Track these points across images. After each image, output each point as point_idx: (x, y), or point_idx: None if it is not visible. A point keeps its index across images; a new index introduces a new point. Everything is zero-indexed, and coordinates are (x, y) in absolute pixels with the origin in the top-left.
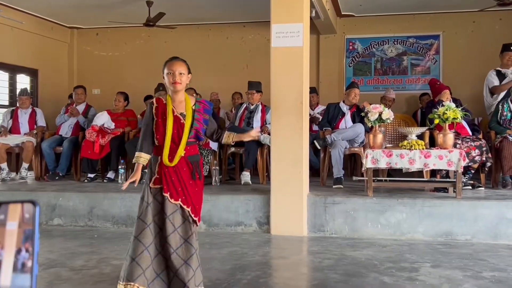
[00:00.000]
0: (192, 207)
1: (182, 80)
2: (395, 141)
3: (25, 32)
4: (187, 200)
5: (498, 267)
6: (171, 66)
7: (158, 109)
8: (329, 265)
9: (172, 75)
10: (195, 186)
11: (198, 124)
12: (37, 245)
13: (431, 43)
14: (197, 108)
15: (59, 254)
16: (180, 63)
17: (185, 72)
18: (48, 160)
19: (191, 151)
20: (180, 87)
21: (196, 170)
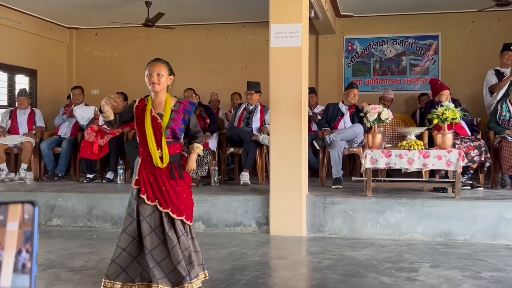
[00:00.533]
0: (174, 208)
1: (160, 81)
2: (394, 141)
3: (24, 33)
4: (167, 201)
5: (497, 267)
6: (151, 67)
7: (138, 108)
8: (328, 265)
9: (150, 76)
10: (177, 186)
11: (174, 123)
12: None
13: (430, 43)
14: (176, 108)
15: (58, 255)
16: (159, 65)
17: (164, 73)
18: (47, 161)
19: (171, 151)
20: (158, 88)
21: (176, 170)
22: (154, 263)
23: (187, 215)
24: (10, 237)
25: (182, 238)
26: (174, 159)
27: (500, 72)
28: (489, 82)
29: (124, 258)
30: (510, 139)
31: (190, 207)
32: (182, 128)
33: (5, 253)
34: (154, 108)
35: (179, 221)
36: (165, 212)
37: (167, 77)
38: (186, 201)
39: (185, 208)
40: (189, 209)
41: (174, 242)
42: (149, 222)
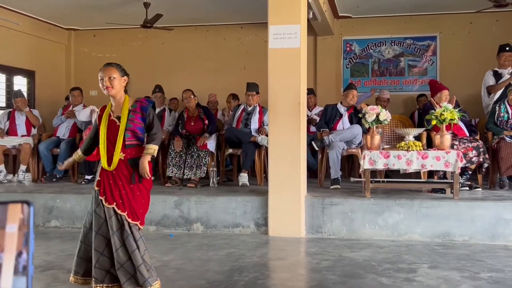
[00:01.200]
0: (130, 212)
1: (113, 84)
2: (392, 142)
3: (22, 34)
4: (124, 204)
5: (496, 268)
6: (102, 72)
7: (100, 116)
8: (327, 266)
9: (102, 81)
10: (137, 190)
11: (133, 124)
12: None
13: (428, 44)
14: (133, 108)
15: (56, 256)
16: (110, 69)
17: (116, 76)
18: (45, 162)
19: (132, 154)
20: (112, 91)
21: (136, 174)
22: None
23: (142, 221)
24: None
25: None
26: (135, 162)
27: (498, 73)
28: (486, 82)
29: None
30: (509, 140)
31: (145, 212)
32: (142, 127)
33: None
34: (113, 112)
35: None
36: (123, 215)
37: (120, 79)
38: (142, 206)
39: (143, 213)
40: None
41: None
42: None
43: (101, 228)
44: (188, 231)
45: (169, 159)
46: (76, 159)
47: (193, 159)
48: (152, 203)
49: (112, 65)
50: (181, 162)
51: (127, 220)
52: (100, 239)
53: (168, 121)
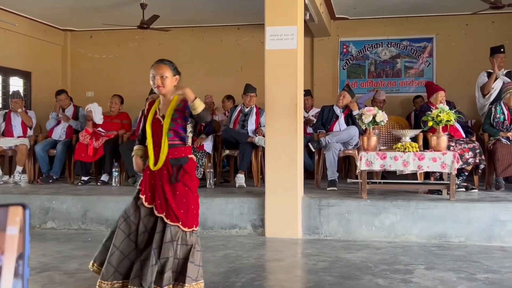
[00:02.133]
0: (168, 213)
1: (165, 84)
2: (389, 143)
3: (18, 35)
4: (162, 205)
5: (492, 269)
6: (154, 69)
7: (147, 112)
8: (324, 268)
9: (154, 79)
10: (177, 190)
11: (176, 124)
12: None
13: (425, 46)
14: (179, 107)
15: (53, 258)
16: (163, 66)
17: (168, 75)
18: (42, 163)
19: (174, 154)
20: (163, 90)
21: (176, 175)
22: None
23: (185, 222)
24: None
25: (165, 245)
26: (177, 163)
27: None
28: (480, 83)
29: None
30: (505, 141)
31: (191, 212)
32: (184, 126)
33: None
34: (160, 110)
35: (173, 227)
36: (160, 217)
37: (172, 78)
38: (185, 207)
39: (184, 214)
40: (188, 215)
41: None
42: (145, 223)
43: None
44: None
45: None
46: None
47: None
48: None
49: (165, 62)
50: None
51: (165, 221)
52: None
53: None
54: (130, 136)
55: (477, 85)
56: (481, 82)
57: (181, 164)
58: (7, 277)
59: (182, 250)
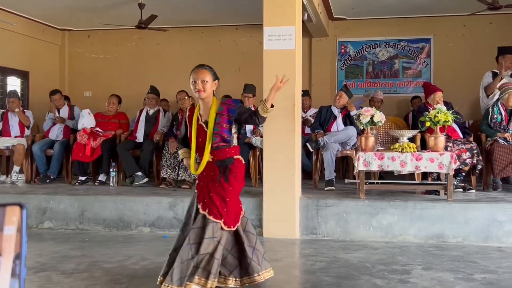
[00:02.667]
0: (210, 210)
1: (205, 88)
2: (386, 143)
3: (16, 34)
4: (206, 204)
5: (489, 269)
6: (195, 74)
7: (190, 118)
8: (322, 268)
9: (195, 84)
10: (221, 190)
11: (220, 128)
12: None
13: (422, 47)
14: (220, 111)
15: (50, 258)
16: (203, 71)
17: (209, 79)
18: (39, 163)
19: (219, 156)
20: (204, 95)
21: (223, 174)
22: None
23: (226, 220)
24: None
25: (205, 241)
26: (223, 164)
27: (497, 74)
28: (485, 83)
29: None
30: (502, 141)
31: (232, 212)
32: (229, 129)
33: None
34: (201, 116)
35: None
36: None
37: (212, 83)
38: (227, 206)
39: (226, 212)
40: (229, 214)
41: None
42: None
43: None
44: None
45: (163, 161)
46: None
47: None
48: (146, 204)
49: (206, 67)
50: (176, 164)
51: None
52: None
53: (163, 122)
54: (128, 136)
55: (481, 85)
56: (486, 82)
57: (227, 164)
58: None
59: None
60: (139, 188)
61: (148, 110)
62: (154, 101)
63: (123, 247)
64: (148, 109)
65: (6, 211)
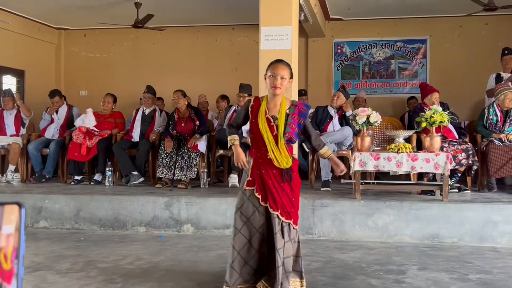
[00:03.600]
0: (283, 211)
1: (282, 85)
2: (382, 144)
3: (11, 33)
4: (277, 203)
5: (484, 270)
6: (274, 69)
7: (254, 108)
8: (317, 268)
9: (273, 78)
10: (287, 188)
11: (291, 129)
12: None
13: (419, 47)
14: (291, 112)
15: (45, 257)
16: (283, 67)
17: (287, 77)
18: (34, 162)
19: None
20: (279, 91)
21: (286, 173)
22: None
23: (295, 219)
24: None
25: (287, 244)
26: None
27: (500, 77)
28: (488, 86)
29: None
30: (497, 142)
31: (296, 211)
32: (297, 132)
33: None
34: (268, 110)
35: (287, 225)
36: (275, 214)
37: (289, 80)
38: (295, 205)
39: (294, 212)
40: (296, 213)
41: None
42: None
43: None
44: (178, 232)
45: (159, 160)
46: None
47: (184, 160)
48: (142, 204)
49: (285, 63)
50: (172, 163)
51: (281, 218)
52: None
53: (159, 122)
54: (124, 135)
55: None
56: (488, 85)
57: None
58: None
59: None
60: (134, 187)
61: (144, 109)
62: (150, 101)
63: (118, 246)
64: (144, 108)
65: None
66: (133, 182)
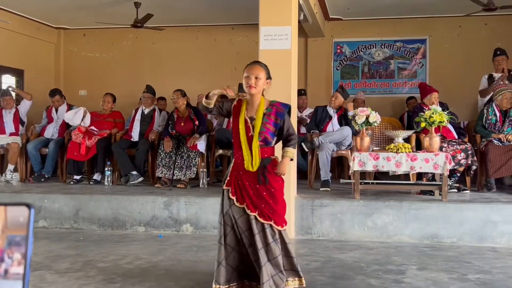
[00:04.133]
0: (260, 212)
1: (257, 85)
2: (382, 144)
3: (11, 32)
4: (254, 204)
5: (483, 270)
6: (249, 69)
7: (235, 108)
8: (316, 268)
9: (248, 79)
10: (264, 190)
11: (266, 128)
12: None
13: (418, 47)
14: (268, 112)
15: (44, 257)
16: (259, 68)
17: (262, 77)
18: (34, 162)
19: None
20: (254, 91)
21: (262, 175)
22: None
23: (277, 220)
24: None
25: (272, 245)
26: (261, 163)
27: (493, 77)
28: (480, 86)
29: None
30: (496, 142)
31: (280, 212)
32: (274, 132)
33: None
34: (247, 111)
35: (268, 227)
36: (253, 216)
37: (265, 81)
38: (274, 206)
39: (274, 213)
40: (278, 214)
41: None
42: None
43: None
44: (178, 232)
45: (158, 160)
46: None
47: (183, 159)
48: (141, 203)
49: (261, 64)
50: (171, 163)
51: (259, 220)
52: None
53: (158, 122)
54: (123, 135)
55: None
56: (481, 86)
57: (265, 165)
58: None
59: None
60: (134, 187)
61: (143, 109)
62: (150, 100)
63: (117, 246)
64: (144, 108)
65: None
66: (132, 181)
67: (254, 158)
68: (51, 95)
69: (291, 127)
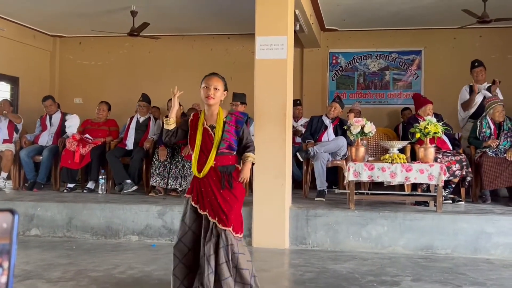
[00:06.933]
0: (219, 218)
1: (216, 95)
2: (377, 154)
3: (6, 40)
4: (214, 210)
5: (478, 281)
6: (208, 80)
7: (193, 122)
8: (311, 278)
9: (207, 89)
10: (227, 196)
11: (229, 135)
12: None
13: (413, 59)
14: (228, 120)
15: (36, 266)
16: (216, 79)
17: (220, 88)
18: (27, 169)
19: (222, 162)
20: (212, 101)
21: (226, 180)
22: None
23: (235, 226)
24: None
25: (221, 250)
26: (226, 170)
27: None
28: (462, 98)
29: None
30: (491, 154)
31: (238, 219)
32: (236, 139)
33: None
34: (206, 120)
35: (225, 232)
36: (213, 222)
37: (222, 92)
38: (235, 212)
39: (234, 219)
40: (237, 221)
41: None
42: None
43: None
44: (171, 241)
45: (153, 169)
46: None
47: (178, 169)
48: (135, 212)
49: (219, 76)
50: (165, 172)
51: (218, 226)
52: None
53: (153, 130)
54: (118, 143)
55: (459, 99)
56: (463, 98)
57: (230, 171)
58: None
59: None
60: (128, 196)
61: (138, 117)
62: (145, 109)
63: (110, 255)
64: (139, 116)
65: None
66: (126, 190)
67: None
68: (44, 99)
69: (249, 136)
